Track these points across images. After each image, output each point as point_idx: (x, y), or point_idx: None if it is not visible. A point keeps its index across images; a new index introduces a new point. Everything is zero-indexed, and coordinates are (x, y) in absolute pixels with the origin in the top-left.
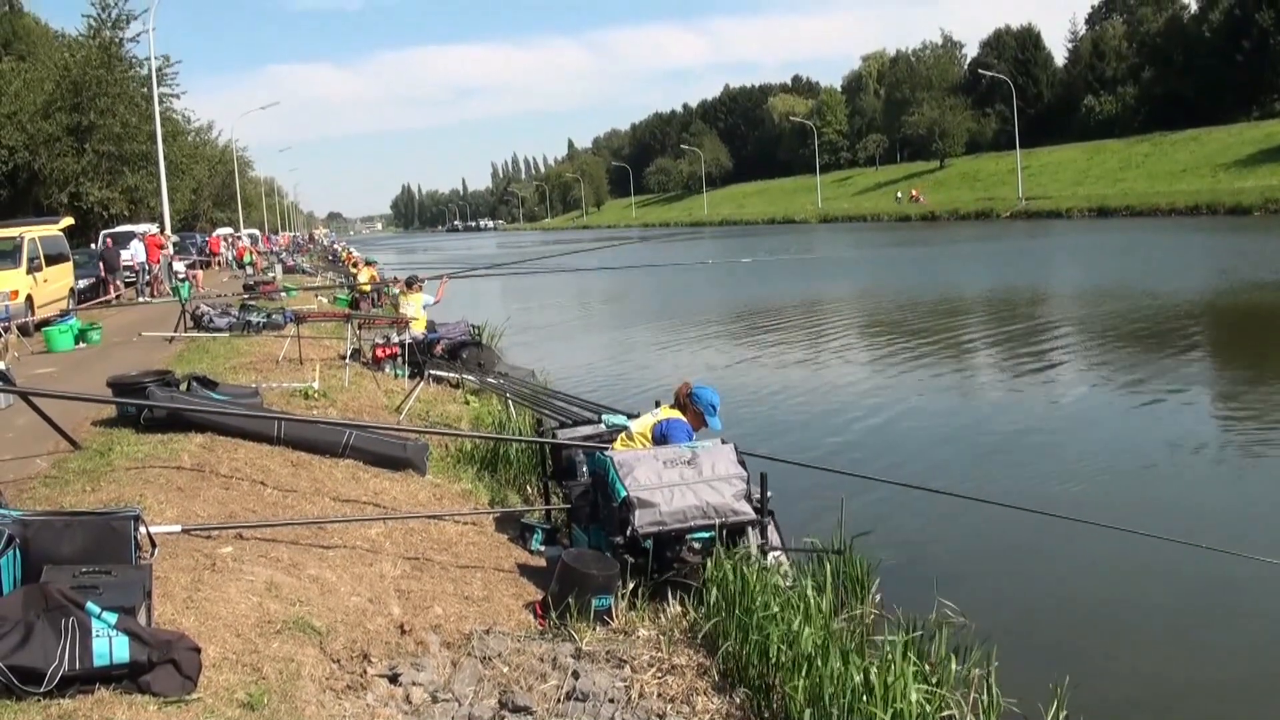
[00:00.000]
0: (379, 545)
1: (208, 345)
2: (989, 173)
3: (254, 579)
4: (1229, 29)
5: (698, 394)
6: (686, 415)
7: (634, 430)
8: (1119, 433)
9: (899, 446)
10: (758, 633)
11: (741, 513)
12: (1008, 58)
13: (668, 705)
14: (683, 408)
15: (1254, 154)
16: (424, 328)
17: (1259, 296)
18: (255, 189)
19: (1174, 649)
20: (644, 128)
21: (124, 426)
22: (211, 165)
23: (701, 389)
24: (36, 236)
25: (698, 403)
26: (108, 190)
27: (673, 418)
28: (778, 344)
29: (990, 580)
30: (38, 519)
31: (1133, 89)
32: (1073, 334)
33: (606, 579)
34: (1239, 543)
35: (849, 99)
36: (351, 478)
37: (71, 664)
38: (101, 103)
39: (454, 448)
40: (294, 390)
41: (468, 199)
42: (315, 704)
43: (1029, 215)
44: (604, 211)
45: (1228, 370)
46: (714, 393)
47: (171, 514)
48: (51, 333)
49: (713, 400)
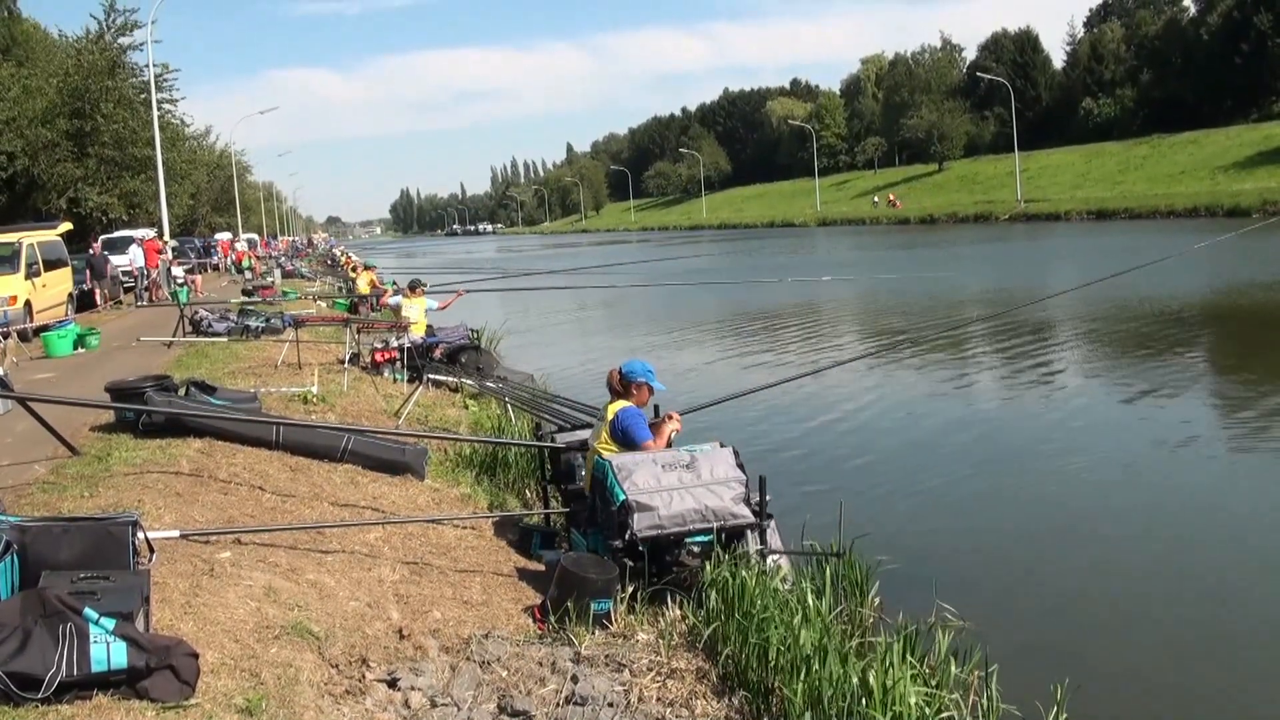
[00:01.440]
0: (378, 550)
1: (206, 350)
2: (987, 176)
3: (252, 584)
4: (1227, 32)
5: (630, 372)
6: (633, 398)
7: (592, 443)
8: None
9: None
10: (757, 636)
11: (740, 516)
12: (1006, 61)
13: (667, 709)
14: (623, 392)
15: (1252, 156)
16: (423, 332)
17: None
18: (254, 193)
19: (1173, 651)
20: (643, 131)
21: (122, 432)
22: (210, 170)
23: (630, 365)
24: (35, 242)
25: (634, 378)
26: (107, 195)
27: (621, 408)
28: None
29: (989, 583)
30: (36, 525)
31: (1131, 92)
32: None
33: (605, 583)
34: (1239, 544)
35: (847, 102)
36: (350, 482)
37: (69, 670)
38: (104, 108)
39: (453, 452)
40: (293, 395)
41: (466, 203)
42: (314, 709)
43: (1028, 218)
44: (603, 215)
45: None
46: (642, 363)
47: (170, 519)
48: (50, 338)
49: (645, 367)
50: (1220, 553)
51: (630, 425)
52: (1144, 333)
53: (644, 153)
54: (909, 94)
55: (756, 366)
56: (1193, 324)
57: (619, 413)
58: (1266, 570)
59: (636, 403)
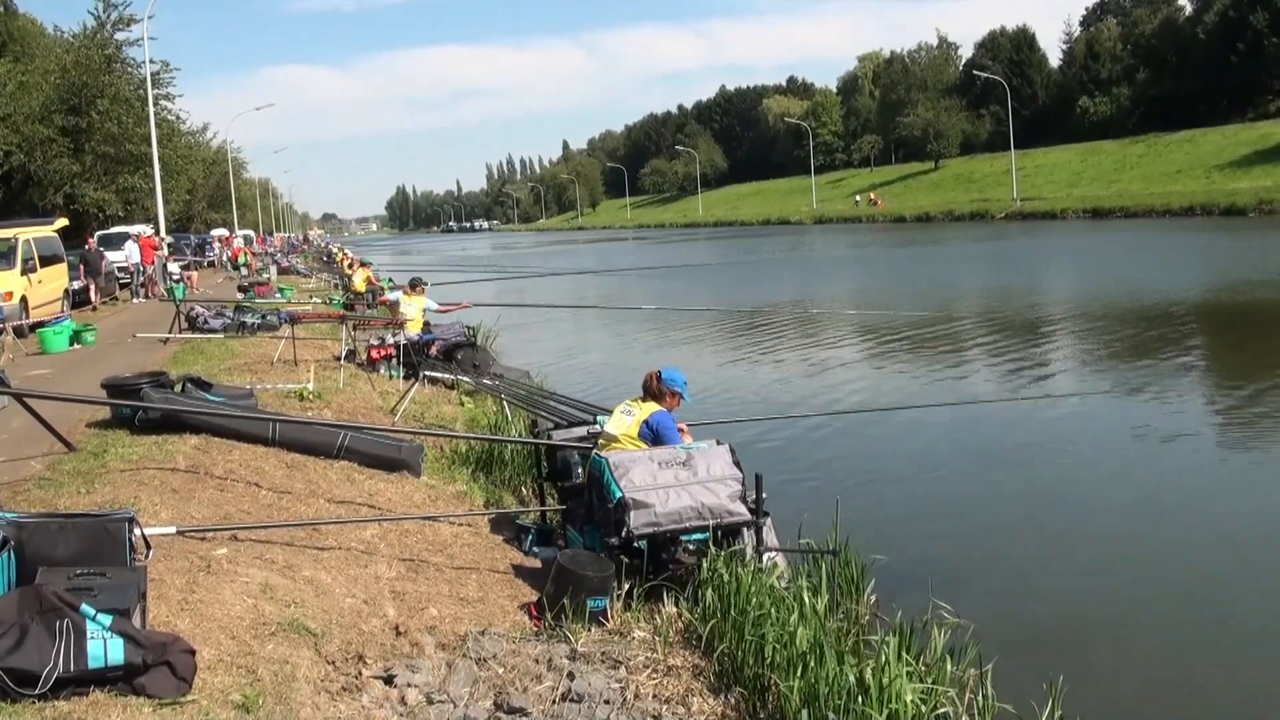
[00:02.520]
0: (374, 547)
1: (202, 346)
2: (983, 174)
3: (249, 581)
4: (1223, 30)
5: (669, 378)
6: (664, 402)
7: (615, 433)
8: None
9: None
10: (753, 633)
11: (737, 514)
12: (1002, 59)
13: (663, 706)
14: (658, 395)
15: (1248, 155)
16: (419, 329)
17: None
18: (250, 190)
19: (1168, 648)
20: (639, 129)
21: (119, 428)
22: (206, 167)
23: (669, 372)
24: (31, 238)
25: (672, 385)
26: (103, 191)
27: (656, 411)
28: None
29: (985, 580)
30: (32, 521)
31: (1127, 90)
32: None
33: (602, 580)
34: (1232, 540)
35: (844, 100)
36: (346, 479)
37: (66, 666)
38: (101, 104)
39: (449, 449)
40: (289, 391)
41: (462, 200)
42: (310, 706)
43: (1023, 217)
44: (599, 212)
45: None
46: (681, 374)
47: (166, 515)
48: (46, 334)
49: (684, 380)
50: (1214, 548)
51: (664, 430)
52: (1139, 330)
53: (640, 150)
54: (905, 92)
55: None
56: (1188, 321)
57: (655, 414)
58: (1259, 566)
59: (667, 407)
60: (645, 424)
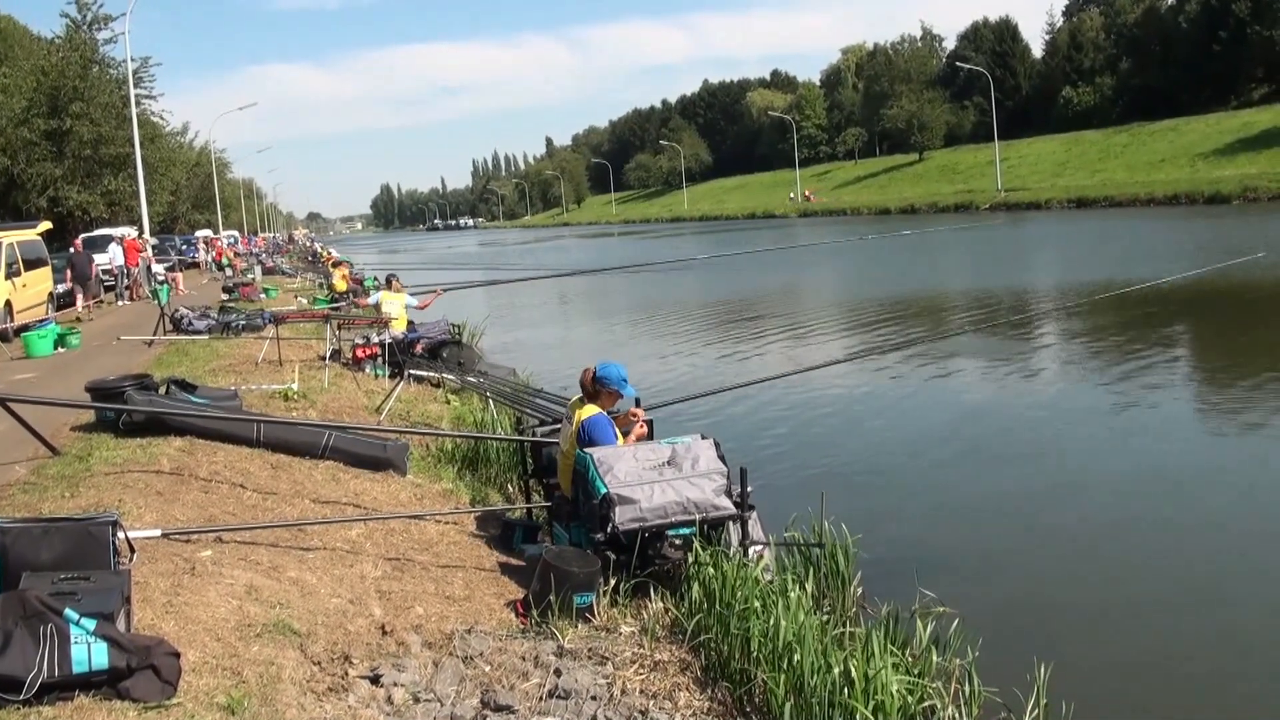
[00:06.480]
0: (359, 546)
1: (187, 348)
2: (968, 165)
3: (234, 582)
4: (1206, 19)
5: (604, 376)
6: (600, 401)
7: (563, 449)
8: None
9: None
10: (739, 627)
11: (722, 508)
12: (985, 50)
13: (650, 701)
14: (594, 395)
15: (1231, 143)
16: (404, 327)
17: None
18: (234, 190)
19: (1154, 637)
20: (623, 124)
21: (103, 431)
22: (189, 168)
23: (604, 367)
24: (15, 241)
25: (608, 384)
26: (87, 194)
27: (589, 416)
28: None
29: (971, 570)
30: (16, 526)
31: (1110, 80)
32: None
33: (588, 576)
34: (1219, 529)
35: (828, 93)
36: (332, 479)
37: (50, 671)
38: (78, 107)
39: (435, 447)
40: (273, 392)
41: (447, 197)
42: (296, 706)
43: (1008, 207)
44: (584, 208)
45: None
46: (617, 366)
47: (151, 518)
48: (30, 338)
49: (620, 374)
50: (1200, 537)
51: (596, 436)
52: (1126, 319)
53: (624, 145)
54: (889, 84)
55: (737, 358)
56: (1176, 309)
57: (588, 419)
58: (1246, 555)
59: (604, 406)
60: (581, 429)
